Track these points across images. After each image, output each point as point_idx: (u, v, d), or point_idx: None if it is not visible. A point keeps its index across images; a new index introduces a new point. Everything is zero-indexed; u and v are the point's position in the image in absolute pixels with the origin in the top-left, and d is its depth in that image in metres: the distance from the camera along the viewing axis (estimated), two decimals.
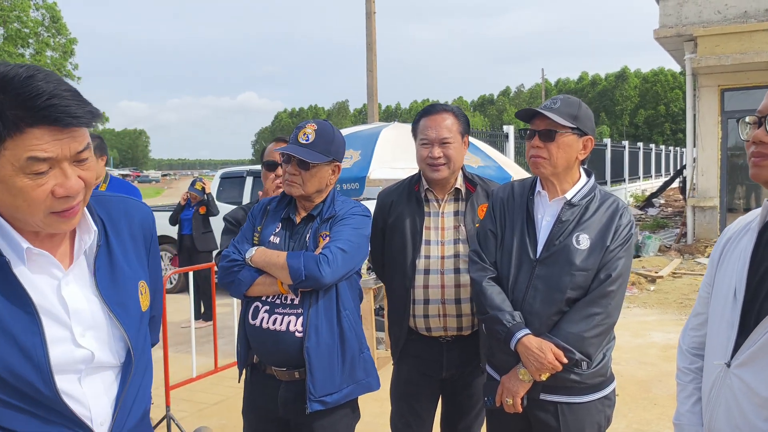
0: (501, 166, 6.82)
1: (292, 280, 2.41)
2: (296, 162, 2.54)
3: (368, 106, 16.27)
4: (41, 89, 1.22)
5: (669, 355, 6.24)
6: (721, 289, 1.72)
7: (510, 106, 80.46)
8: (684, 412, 1.87)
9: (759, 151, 1.57)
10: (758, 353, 1.53)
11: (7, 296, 1.31)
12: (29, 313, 1.32)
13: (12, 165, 1.23)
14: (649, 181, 27.97)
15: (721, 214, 13.15)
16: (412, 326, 2.89)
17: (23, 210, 1.29)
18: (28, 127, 1.22)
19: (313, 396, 2.44)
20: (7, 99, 1.21)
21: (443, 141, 2.79)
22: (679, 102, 65.70)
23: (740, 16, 12.61)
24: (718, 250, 1.81)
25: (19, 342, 1.30)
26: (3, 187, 1.26)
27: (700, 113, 13.20)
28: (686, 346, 1.93)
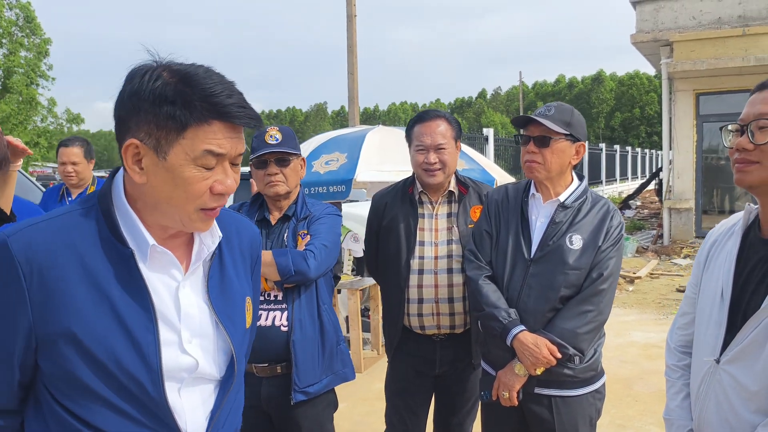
0: (484, 169, 6.90)
1: (280, 276, 2.51)
2: (274, 161, 2.65)
3: (349, 109, 16.33)
4: (222, 86, 1.26)
5: (649, 353, 6.39)
6: (709, 289, 1.79)
7: (488, 108, 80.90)
8: (674, 408, 1.93)
9: (743, 158, 1.64)
10: (746, 350, 1.61)
11: (127, 289, 1.30)
12: (146, 310, 1.31)
13: (186, 154, 1.25)
14: (626, 183, 28.37)
15: (696, 215, 13.42)
16: (407, 325, 2.97)
17: (177, 202, 1.29)
18: (212, 119, 1.25)
19: (297, 387, 2.57)
20: (193, 92, 1.23)
21: (438, 147, 2.88)
22: (654, 105, 66.62)
23: (714, 22, 12.88)
24: (704, 253, 1.88)
25: (134, 338, 1.28)
26: (167, 177, 1.26)
27: (676, 117, 13.46)
28: (674, 344, 2.00)
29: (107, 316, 1.27)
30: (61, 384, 1.28)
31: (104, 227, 1.30)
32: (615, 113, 73.20)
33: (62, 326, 1.24)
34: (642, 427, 4.67)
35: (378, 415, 4.64)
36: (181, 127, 1.24)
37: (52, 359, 1.26)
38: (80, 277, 1.26)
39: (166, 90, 1.23)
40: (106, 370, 1.27)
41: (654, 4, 13.33)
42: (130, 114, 1.26)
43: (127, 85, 1.27)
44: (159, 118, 1.23)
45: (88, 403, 1.28)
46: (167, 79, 1.24)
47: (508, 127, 67.74)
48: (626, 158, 30.85)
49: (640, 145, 55.49)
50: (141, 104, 1.24)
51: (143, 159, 1.27)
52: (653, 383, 5.53)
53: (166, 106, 1.23)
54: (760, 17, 12.49)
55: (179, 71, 1.26)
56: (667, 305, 8.50)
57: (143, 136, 1.25)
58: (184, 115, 1.23)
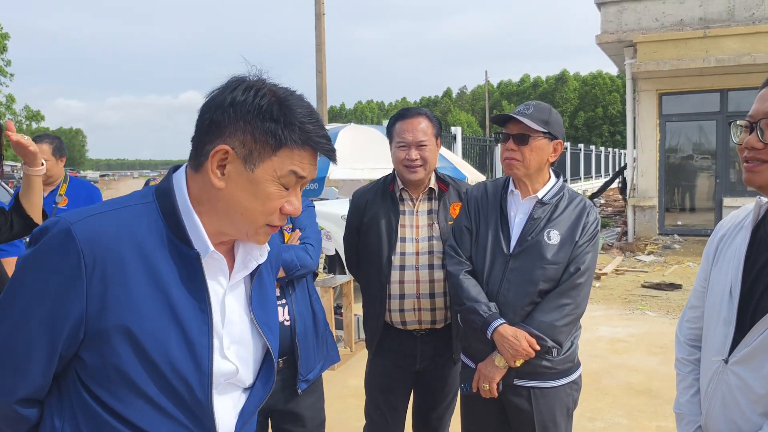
0: (456, 167, 7.00)
1: (286, 272, 2.58)
2: None
3: (317, 107, 16.27)
4: (315, 116, 1.33)
5: (616, 348, 6.54)
6: (717, 286, 1.76)
7: (454, 107, 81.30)
8: (684, 402, 1.90)
9: (753, 156, 1.59)
10: (755, 351, 1.57)
11: (188, 291, 1.32)
12: (204, 313, 1.33)
13: (274, 171, 1.30)
14: (590, 182, 28.79)
15: (659, 213, 13.71)
16: (388, 320, 3.01)
17: (251, 214, 1.33)
18: (305, 145, 1.32)
19: (302, 377, 2.66)
20: (294, 116, 1.30)
21: (420, 144, 2.92)
22: (617, 105, 67.63)
23: (676, 24, 13.17)
24: (713, 246, 1.85)
25: (189, 339, 1.30)
26: (249, 188, 1.31)
27: (639, 116, 13.73)
28: (684, 338, 1.97)
29: (166, 315, 1.28)
30: (103, 378, 1.27)
31: (164, 226, 1.32)
32: (579, 112, 74.11)
33: (119, 321, 1.24)
34: (611, 419, 4.79)
35: (353, 411, 4.68)
36: (278, 145, 1.29)
37: (100, 353, 1.25)
38: (142, 273, 1.27)
39: (272, 108, 1.29)
40: (157, 369, 1.27)
41: (618, 6, 13.58)
42: (229, 121, 1.29)
43: (229, 93, 1.30)
44: (258, 132, 1.28)
45: (129, 399, 1.27)
46: (271, 98, 1.30)
47: (474, 125, 68.22)
48: (590, 157, 31.30)
49: (603, 144, 56.30)
50: (245, 115, 1.28)
51: (228, 165, 1.30)
52: (621, 377, 5.67)
53: (269, 123, 1.28)
54: (720, 19, 12.81)
55: (281, 93, 1.32)
56: (632, 301, 8.68)
57: (237, 144, 1.29)
58: (284, 135, 1.29)
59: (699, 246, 12.32)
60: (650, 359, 6.14)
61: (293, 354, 2.66)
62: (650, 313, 8.00)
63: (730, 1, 12.75)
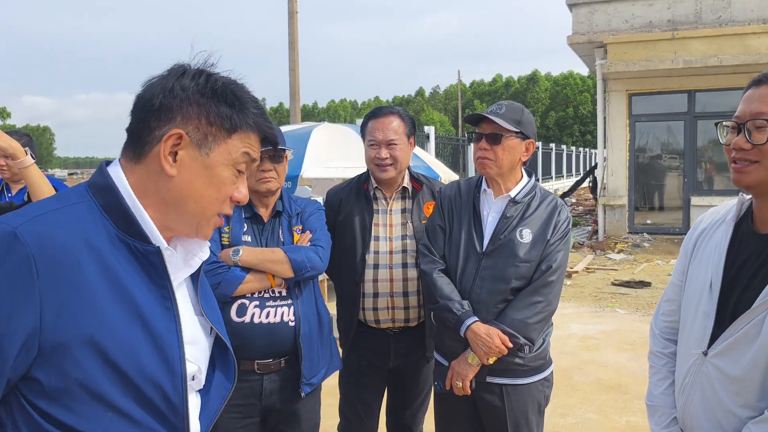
0: (429, 166, 7.03)
1: (294, 272, 2.56)
2: (268, 158, 2.64)
3: (290, 106, 16.24)
4: (261, 106, 1.35)
5: (587, 345, 6.63)
6: (696, 279, 1.77)
7: (427, 107, 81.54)
8: (658, 394, 1.91)
9: (741, 157, 1.60)
10: (736, 344, 1.59)
11: (150, 287, 1.24)
12: (169, 309, 1.27)
13: (229, 154, 1.29)
14: (561, 181, 29.09)
15: (629, 212, 13.92)
16: (362, 319, 3.02)
17: (205, 202, 1.29)
18: (256, 129, 1.33)
19: (305, 379, 2.62)
20: (246, 102, 1.31)
21: (390, 142, 2.94)
22: (588, 105, 68.40)
23: (646, 25, 13.37)
24: (692, 241, 1.86)
25: (158, 339, 1.23)
26: (205, 173, 1.28)
27: (610, 116, 13.92)
28: (659, 331, 1.98)
29: (130, 318, 1.19)
30: (63, 397, 1.13)
31: (111, 224, 1.22)
32: (550, 112, 74.77)
33: (81, 331, 1.12)
34: (582, 415, 4.85)
35: (326, 410, 4.66)
36: (233, 128, 1.29)
37: (60, 369, 1.12)
38: (99, 275, 1.16)
39: (226, 92, 1.28)
40: (127, 378, 1.18)
41: (589, 7, 13.75)
42: (181, 105, 1.25)
43: (176, 79, 1.27)
44: (213, 115, 1.26)
45: (96, 415, 1.16)
46: (223, 83, 1.30)
47: (446, 125, 68.47)
48: (561, 156, 31.63)
49: (574, 144, 56.92)
50: (198, 99, 1.26)
51: (181, 151, 1.25)
52: (591, 373, 5.75)
53: (224, 107, 1.27)
54: (687, 21, 13.03)
55: (229, 80, 1.32)
56: (602, 298, 8.80)
57: (191, 129, 1.26)
58: (239, 119, 1.29)
59: (667, 244, 12.54)
60: (620, 356, 6.24)
61: (296, 355, 2.63)
62: (620, 311, 8.12)
63: (698, 4, 12.98)
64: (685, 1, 13.06)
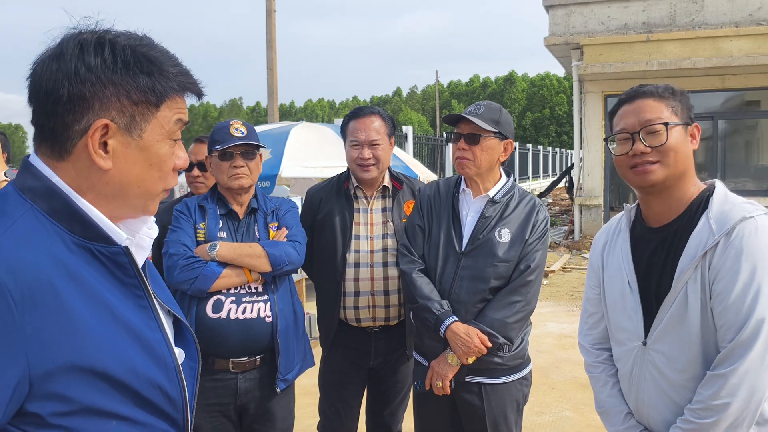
0: (407, 166, 7.06)
1: (273, 267, 2.58)
2: (240, 154, 2.67)
3: (268, 105, 16.18)
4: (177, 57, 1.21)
5: (563, 343, 6.69)
6: (614, 285, 1.97)
7: (405, 107, 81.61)
8: (605, 398, 2.03)
9: (642, 160, 1.82)
10: (669, 325, 1.79)
11: (122, 289, 1.17)
12: (146, 308, 1.20)
13: (162, 128, 1.18)
14: (538, 181, 29.32)
15: (605, 212, 14.05)
16: (342, 318, 3.03)
17: (150, 183, 1.19)
18: (183, 90, 1.21)
19: (281, 375, 2.65)
20: (162, 62, 1.17)
21: (372, 143, 2.95)
22: (564, 106, 68.96)
23: (621, 27, 13.52)
24: (598, 257, 2.07)
25: (145, 341, 1.17)
26: (140, 157, 1.16)
27: (586, 117, 14.04)
28: (588, 345, 2.14)
29: (114, 327, 1.12)
30: (61, 420, 1.06)
31: (64, 230, 1.11)
32: (526, 113, 75.20)
33: (68, 354, 1.04)
34: (559, 412, 4.90)
35: (305, 409, 4.67)
36: (159, 99, 1.16)
37: (53, 396, 1.04)
38: (72, 289, 1.07)
39: (139, 60, 1.13)
40: (126, 387, 1.12)
41: (566, 9, 13.86)
42: (95, 90, 1.10)
43: (76, 60, 1.10)
44: (135, 92, 1.13)
45: (97, 428, 1.10)
46: (132, 50, 1.14)
47: (424, 125, 68.58)
48: (538, 157, 31.88)
49: (550, 144, 57.36)
50: (113, 78, 1.11)
51: (110, 141, 1.12)
52: (567, 371, 5.81)
53: (143, 77, 1.13)
54: (662, 24, 13.20)
55: (135, 42, 1.16)
56: (579, 297, 8.89)
57: (114, 114, 1.12)
58: (163, 87, 1.16)
59: None
60: None
61: (271, 352, 2.64)
62: None
63: (672, 7, 13.15)
64: (659, 4, 13.23)
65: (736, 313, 1.67)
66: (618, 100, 1.97)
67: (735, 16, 12.75)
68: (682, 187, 1.85)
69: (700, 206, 1.82)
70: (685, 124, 1.87)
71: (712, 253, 1.72)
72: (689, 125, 1.88)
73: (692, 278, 1.75)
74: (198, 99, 1.26)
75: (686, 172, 1.85)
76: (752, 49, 12.22)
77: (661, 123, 1.82)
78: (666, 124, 1.82)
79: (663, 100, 1.87)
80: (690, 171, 1.86)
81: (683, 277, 1.76)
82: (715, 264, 1.71)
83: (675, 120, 1.84)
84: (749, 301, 1.65)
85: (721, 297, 1.70)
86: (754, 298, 1.65)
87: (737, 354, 1.66)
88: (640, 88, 1.92)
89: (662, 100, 1.87)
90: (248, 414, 2.70)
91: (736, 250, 1.68)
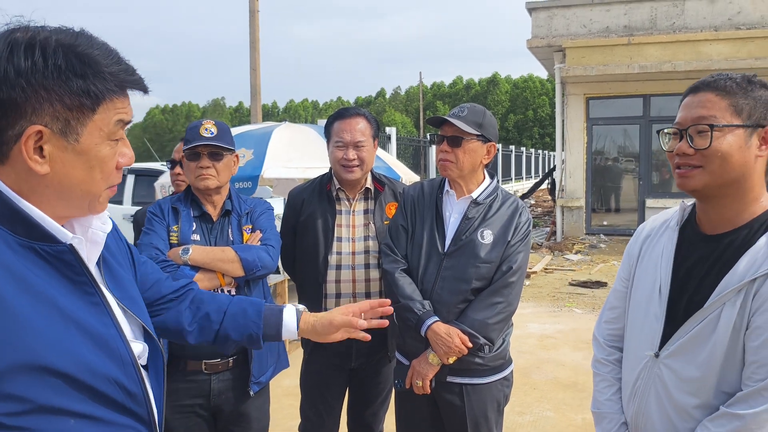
0: (390, 167, 7.05)
1: (245, 271, 2.56)
2: (207, 155, 2.64)
3: (251, 105, 16.11)
4: (113, 52, 1.17)
5: (545, 344, 6.73)
6: (644, 284, 1.80)
7: (389, 108, 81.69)
8: (604, 401, 1.91)
9: (685, 162, 1.64)
10: (689, 343, 1.63)
11: (70, 287, 1.16)
12: (97, 304, 1.20)
13: (100, 131, 1.15)
14: (520, 183, 29.45)
15: (586, 214, 14.17)
16: None
17: (91, 184, 1.17)
18: (122, 89, 1.18)
19: (254, 378, 2.64)
20: (98, 62, 1.13)
21: (357, 144, 2.95)
22: (546, 108, 69.39)
23: (603, 30, 13.64)
24: (637, 247, 1.89)
25: (97, 336, 1.17)
26: (82, 160, 1.14)
27: (568, 119, 14.15)
28: (603, 339, 1.98)
29: (62, 325, 1.12)
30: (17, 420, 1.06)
31: (6, 231, 1.11)
32: (509, 115, 75.56)
33: (16, 355, 1.04)
34: (540, 413, 4.94)
35: (287, 411, 4.67)
36: (95, 102, 1.12)
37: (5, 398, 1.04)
38: (16, 291, 1.07)
39: (72, 63, 1.10)
40: (80, 383, 1.12)
41: (548, 12, 13.96)
42: (27, 95, 1.07)
43: (9, 60, 1.07)
44: (68, 96, 1.10)
45: (55, 427, 1.10)
46: (64, 51, 1.10)
47: (408, 126, 68.70)
48: (521, 158, 32.03)
49: (533, 146, 57.64)
50: (44, 83, 1.08)
51: (46, 146, 1.10)
52: (549, 372, 5.85)
53: (77, 81, 1.10)
54: (643, 27, 13.33)
55: (68, 40, 1.12)
56: (560, 298, 8.95)
57: (48, 120, 1.09)
58: (99, 89, 1.12)
59: (623, 245, 12.77)
60: (577, 354, 6.35)
61: (245, 354, 2.64)
62: (577, 310, 8.26)
63: (653, 11, 13.28)
64: (640, 8, 13.36)
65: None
66: (688, 87, 1.72)
67: (715, 20, 12.90)
68: (741, 198, 1.64)
69: (764, 224, 1.62)
70: (752, 126, 1.60)
71: (763, 281, 1.54)
72: (761, 128, 1.61)
73: (731, 301, 1.56)
74: (144, 94, 1.24)
75: (742, 183, 1.62)
76: (731, 53, 12.38)
77: (707, 124, 1.60)
78: (712, 126, 1.59)
79: (728, 96, 1.61)
80: (751, 181, 1.63)
81: (722, 297, 1.57)
82: (762, 293, 1.53)
83: (733, 121, 1.59)
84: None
85: (760, 331, 1.52)
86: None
87: (764, 397, 1.50)
88: (710, 78, 1.66)
89: (727, 96, 1.61)
90: (222, 415, 2.69)
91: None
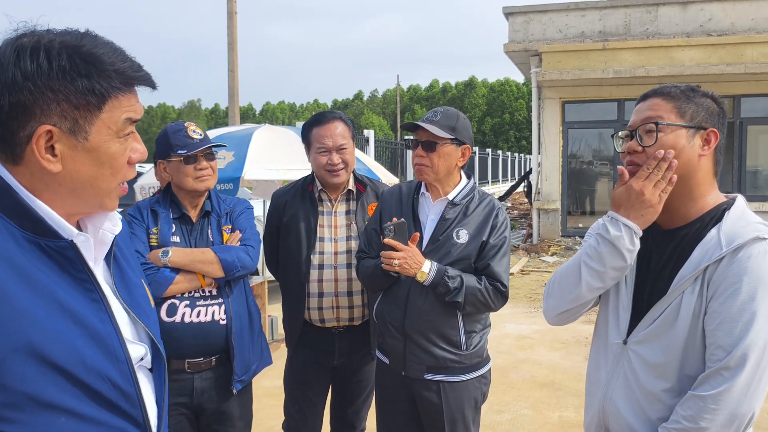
0: (370, 169, 7.10)
1: (225, 272, 2.60)
2: (203, 156, 2.69)
3: (230, 107, 16.09)
4: (119, 51, 1.21)
5: (522, 344, 6.83)
6: None
7: (367, 110, 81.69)
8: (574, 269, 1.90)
9: (632, 160, 1.78)
10: (655, 330, 1.74)
11: (71, 282, 1.19)
12: (96, 301, 1.22)
13: (109, 128, 1.19)
14: (497, 186, 29.66)
15: (562, 216, 14.34)
16: (307, 318, 3.08)
17: (102, 181, 1.21)
18: (130, 86, 1.21)
19: (237, 377, 2.67)
20: (102, 61, 1.16)
21: (340, 147, 3.01)
22: (523, 111, 69.93)
23: (578, 36, 13.83)
24: None
25: (94, 332, 1.19)
26: (89, 158, 1.18)
27: (544, 123, 14.32)
28: None
29: (61, 318, 1.14)
30: (5, 410, 1.07)
31: (14, 227, 1.15)
32: (486, 118, 75.98)
33: (15, 340, 1.07)
34: (517, 411, 5.02)
35: (268, 411, 4.70)
36: (101, 101, 1.17)
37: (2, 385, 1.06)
38: (17, 283, 1.10)
39: (76, 64, 1.14)
40: (73, 377, 1.14)
41: (525, 17, 14.13)
42: (34, 97, 1.12)
43: (14, 67, 1.12)
44: (74, 96, 1.14)
45: (48, 422, 1.11)
46: (68, 52, 1.14)
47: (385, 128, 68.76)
48: (497, 161, 32.25)
49: (509, 149, 58.00)
50: (50, 84, 1.12)
51: (57, 145, 1.15)
52: (526, 371, 5.94)
53: (81, 81, 1.14)
54: (617, 33, 13.55)
55: (73, 42, 1.16)
56: (537, 300, 9.06)
57: (57, 119, 1.14)
58: (104, 87, 1.16)
59: None
60: (553, 354, 6.46)
61: (227, 353, 2.67)
62: None
63: (627, 17, 13.51)
64: (615, 13, 13.58)
65: (728, 334, 1.59)
66: (640, 96, 1.87)
67: (687, 26, 13.16)
68: (689, 194, 1.75)
69: (714, 218, 1.73)
70: (695, 128, 1.73)
71: (715, 268, 1.65)
72: (702, 130, 1.74)
73: (689, 289, 1.68)
74: (152, 90, 1.28)
75: (688, 180, 1.74)
76: (703, 58, 12.63)
77: (652, 122, 1.73)
78: (656, 123, 1.73)
79: (673, 100, 1.76)
80: (696, 179, 1.74)
81: (681, 285, 1.69)
82: (715, 280, 1.64)
83: (677, 121, 1.73)
84: (743, 325, 1.58)
85: (716, 315, 1.62)
86: (748, 321, 1.58)
87: (722, 377, 1.59)
88: (658, 87, 1.81)
89: (672, 100, 1.75)
90: (205, 413, 2.72)
91: (740, 270, 1.61)
